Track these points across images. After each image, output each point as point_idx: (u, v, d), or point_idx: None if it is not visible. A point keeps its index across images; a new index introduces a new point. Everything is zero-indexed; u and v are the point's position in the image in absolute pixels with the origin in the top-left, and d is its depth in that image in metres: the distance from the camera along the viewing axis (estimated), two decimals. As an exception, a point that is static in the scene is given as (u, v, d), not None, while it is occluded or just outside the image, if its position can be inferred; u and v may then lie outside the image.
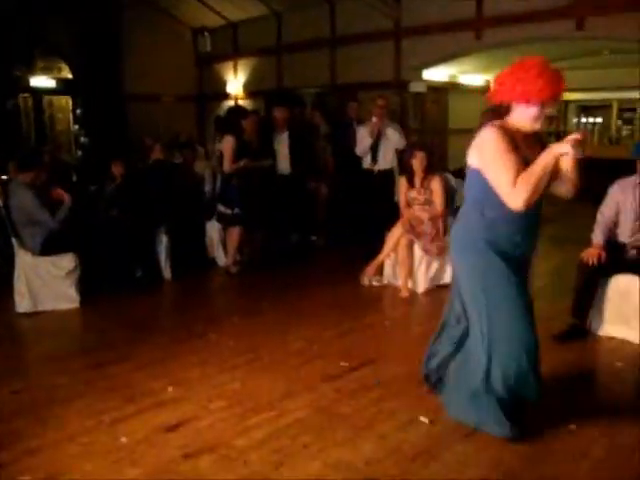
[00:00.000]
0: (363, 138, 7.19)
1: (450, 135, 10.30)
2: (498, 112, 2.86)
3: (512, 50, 9.10)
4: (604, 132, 13.69)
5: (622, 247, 4.45)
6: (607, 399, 3.57)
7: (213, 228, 6.72)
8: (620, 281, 4.42)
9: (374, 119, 7.14)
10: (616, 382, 3.80)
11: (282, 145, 7.32)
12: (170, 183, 6.51)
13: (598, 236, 4.43)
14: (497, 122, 2.82)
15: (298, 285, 5.94)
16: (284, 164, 7.33)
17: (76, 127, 11.13)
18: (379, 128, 7.07)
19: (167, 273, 6.11)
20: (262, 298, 5.53)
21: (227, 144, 6.22)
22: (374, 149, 7.17)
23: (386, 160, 7.21)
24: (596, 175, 4.85)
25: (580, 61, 10.82)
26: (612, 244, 4.43)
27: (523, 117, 2.80)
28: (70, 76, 10.93)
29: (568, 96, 14.17)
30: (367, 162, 7.29)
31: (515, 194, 2.67)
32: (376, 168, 7.21)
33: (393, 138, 7.14)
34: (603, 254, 4.30)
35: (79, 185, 7.74)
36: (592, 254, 4.32)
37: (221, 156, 6.33)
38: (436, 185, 5.65)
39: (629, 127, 13.40)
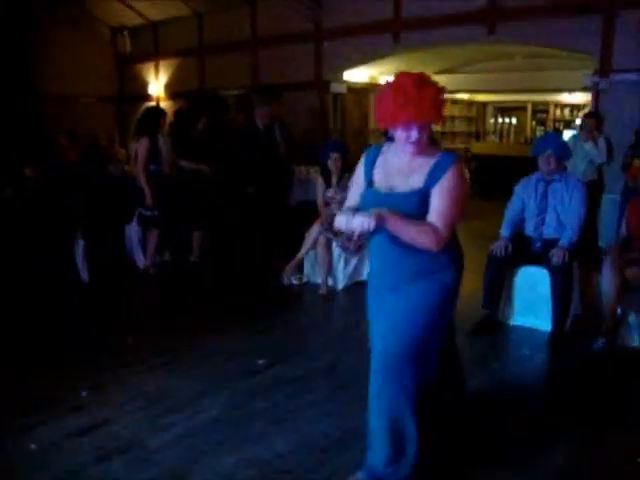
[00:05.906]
0: None
1: (371, 136, 10.45)
2: None
3: (430, 52, 9.37)
4: (520, 132, 14.25)
5: (529, 240, 4.69)
6: (516, 380, 3.82)
7: (132, 230, 6.61)
8: (527, 272, 4.66)
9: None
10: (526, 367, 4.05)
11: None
12: (87, 185, 6.36)
13: (505, 230, 4.68)
14: None
15: (218, 285, 5.92)
16: None
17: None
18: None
19: (85, 276, 5.97)
20: (181, 299, 5.50)
21: (141, 146, 6.13)
22: None
23: None
24: (515, 173, 5.08)
25: (496, 64, 11.22)
26: (520, 238, 4.67)
27: None
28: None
29: (486, 97, 14.67)
30: None
31: None
32: None
33: None
34: (509, 246, 4.54)
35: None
36: (499, 246, 4.55)
37: (136, 157, 6.24)
38: (352, 184, 5.73)
39: (542, 127, 13.99)
